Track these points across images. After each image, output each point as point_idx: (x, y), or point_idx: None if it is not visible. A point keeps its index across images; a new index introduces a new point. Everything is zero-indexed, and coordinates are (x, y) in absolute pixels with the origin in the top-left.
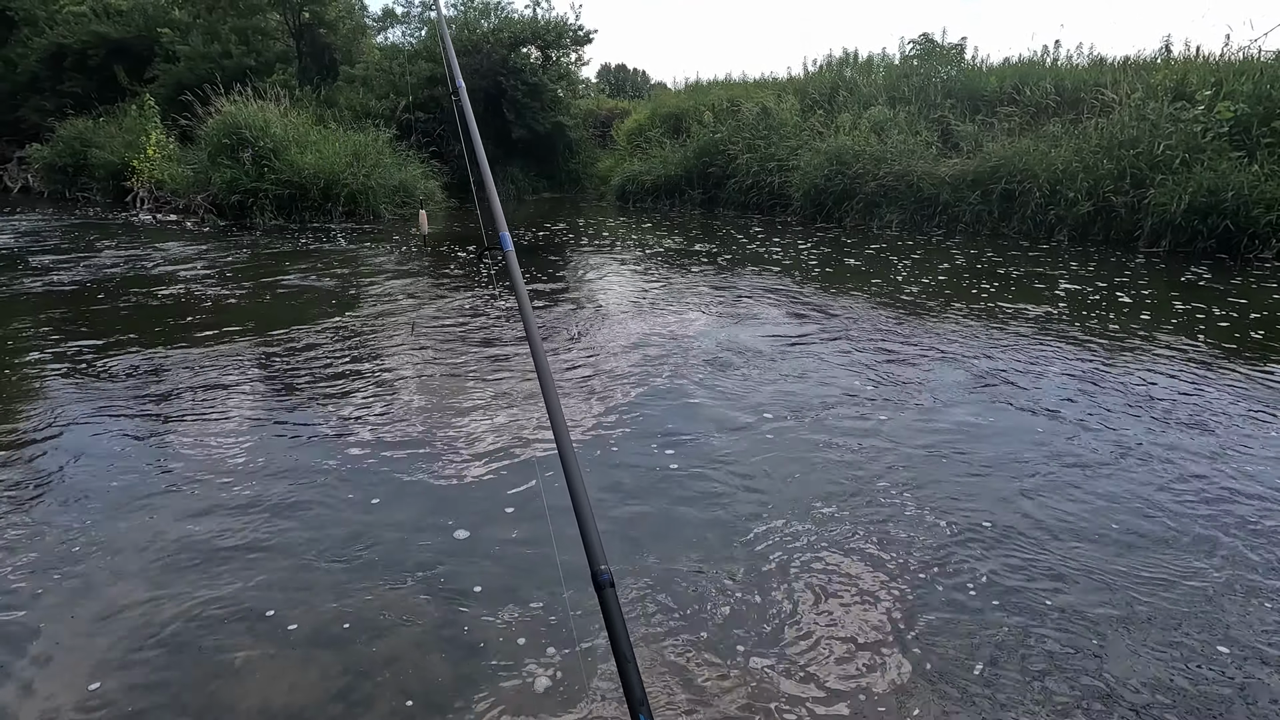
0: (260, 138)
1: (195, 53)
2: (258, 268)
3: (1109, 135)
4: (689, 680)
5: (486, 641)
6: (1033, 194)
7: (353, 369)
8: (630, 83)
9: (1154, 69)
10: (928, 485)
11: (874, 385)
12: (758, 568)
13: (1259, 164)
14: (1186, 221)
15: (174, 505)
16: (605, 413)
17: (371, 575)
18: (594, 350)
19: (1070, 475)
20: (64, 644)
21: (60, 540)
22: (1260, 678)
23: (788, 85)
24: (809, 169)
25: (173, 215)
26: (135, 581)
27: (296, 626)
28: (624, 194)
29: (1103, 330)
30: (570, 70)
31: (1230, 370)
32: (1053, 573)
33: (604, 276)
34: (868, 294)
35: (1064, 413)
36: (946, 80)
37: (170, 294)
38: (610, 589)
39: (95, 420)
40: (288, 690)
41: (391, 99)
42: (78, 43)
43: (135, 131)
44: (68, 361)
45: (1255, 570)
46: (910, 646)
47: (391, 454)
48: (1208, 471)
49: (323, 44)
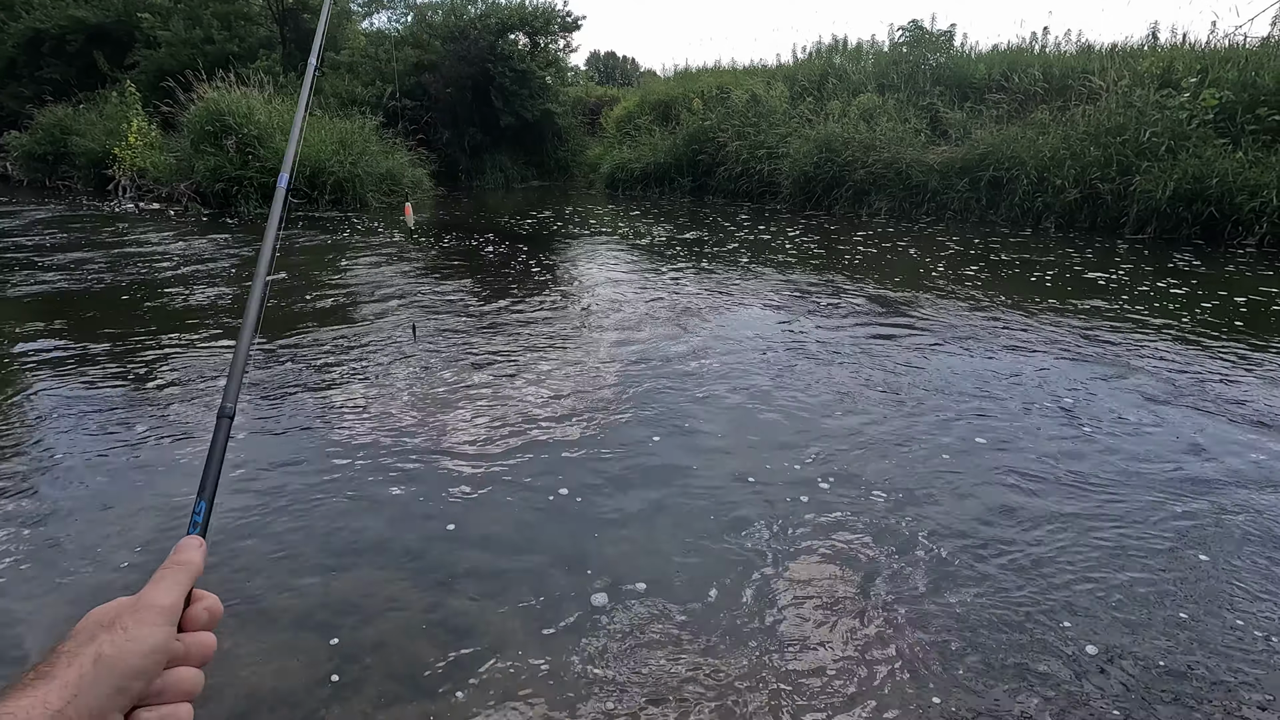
0: (244, 125)
1: (177, 38)
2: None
3: (1096, 123)
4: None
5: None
6: (1020, 181)
7: (349, 368)
8: (620, 70)
9: (1141, 56)
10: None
11: (872, 373)
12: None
13: (1243, 151)
14: (1172, 208)
15: (155, 494)
16: (592, 405)
17: (359, 562)
18: (580, 339)
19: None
20: (42, 628)
21: (48, 526)
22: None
23: (777, 72)
24: (798, 156)
25: (155, 204)
26: (123, 568)
27: (284, 612)
28: (613, 182)
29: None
30: (559, 57)
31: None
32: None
33: (591, 264)
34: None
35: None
36: (935, 67)
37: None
38: (227, 420)
39: (87, 414)
40: (274, 675)
41: (378, 86)
42: (55, 28)
43: (116, 119)
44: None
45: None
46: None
47: (381, 444)
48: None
49: (307, 30)
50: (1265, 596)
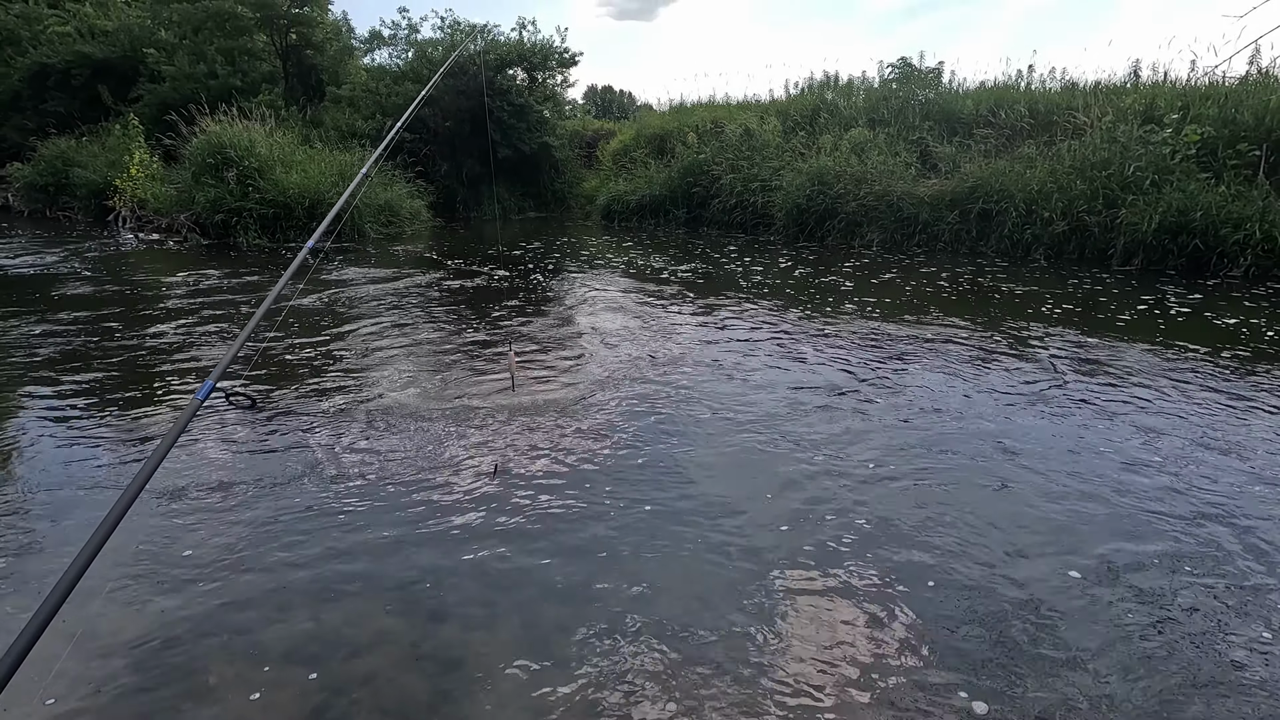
0: (245, 157)
1: (180, 73)
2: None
3: (1081, 157)
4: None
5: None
6: (1009, 213)
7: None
8: (616, 104)
9: (1124, 93)
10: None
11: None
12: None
13: (1225, 185)
14: (1158, 240)
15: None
16: (583, 430)
17: (348, 594)
18: (571, 370)
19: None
20: (32, 659)
21: (39, 549)
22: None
23: (770, 107)
24: (791, 189)
25: (155, 234)
26: (110, 599)
27: (272, 644)
28: (609, 213)
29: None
30: (556, 92)
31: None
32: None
33: (586, 292)
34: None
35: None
36: (925, 103)
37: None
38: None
39: (74, 441)
40: (262, 709)
41: (378, 119)
42: (61, 62)
43: (118, 150)
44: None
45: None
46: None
47: (371, 479)
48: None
49: (309, 65)
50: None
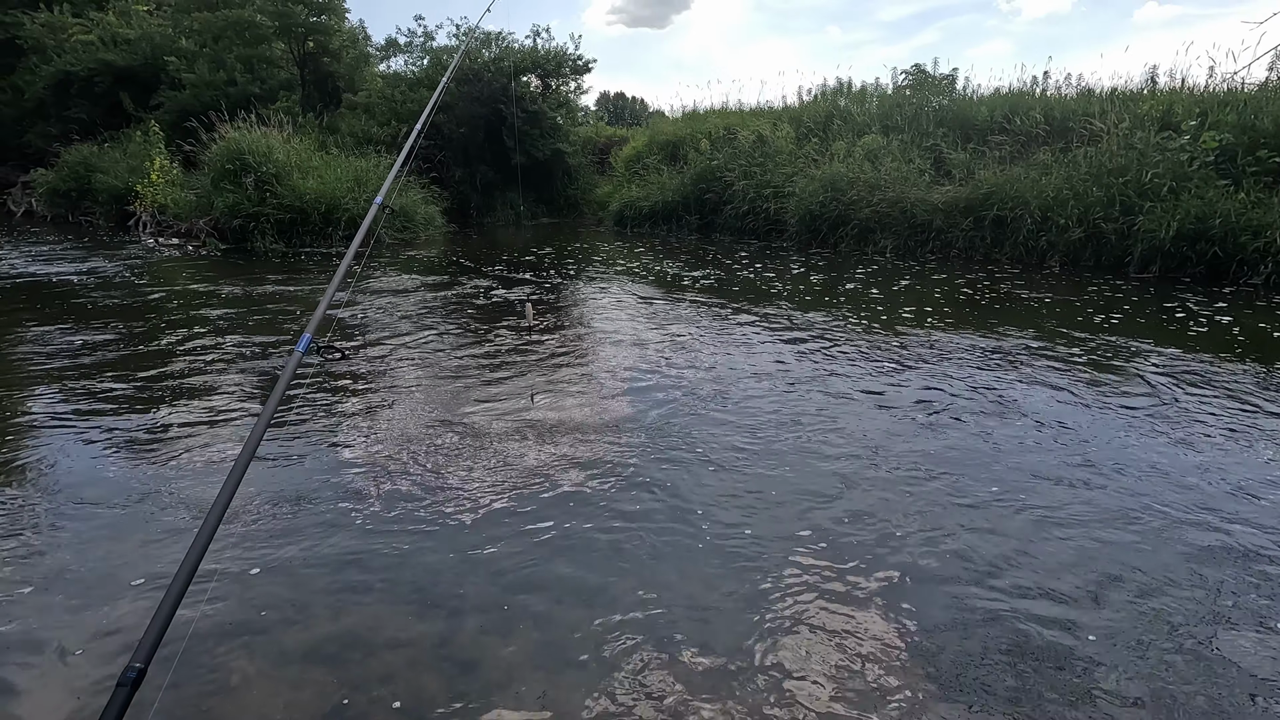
0: (263, 163)
1: (201, 80)
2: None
3: (1098, 163)
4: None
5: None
6: (1024, 220)
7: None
8: (629, 110)
9: (1141, 100)
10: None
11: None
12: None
13: (1245, 192)
14: (1175, 247)
15: (150, 527)
16: (600, 436)
17: (368, 595)
18: (584, 376)
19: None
20: (48, 665)
21: (53, 563)
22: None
23: (783, 114)
24: (804, 195)
25: (174, 239)
26: (128, 599)
27: (292, 644)
28: (622, 219)
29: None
30: (569, 98)
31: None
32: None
33: (598, 298)
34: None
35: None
36: (938, 109)
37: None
38: (126, 688)
39: (93, 441)
40: (284, 707)
41: (393, 125)
42: (84, 70)
43: (139, 157)
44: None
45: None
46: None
47: (388, 481)
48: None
49: (326, 72)
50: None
